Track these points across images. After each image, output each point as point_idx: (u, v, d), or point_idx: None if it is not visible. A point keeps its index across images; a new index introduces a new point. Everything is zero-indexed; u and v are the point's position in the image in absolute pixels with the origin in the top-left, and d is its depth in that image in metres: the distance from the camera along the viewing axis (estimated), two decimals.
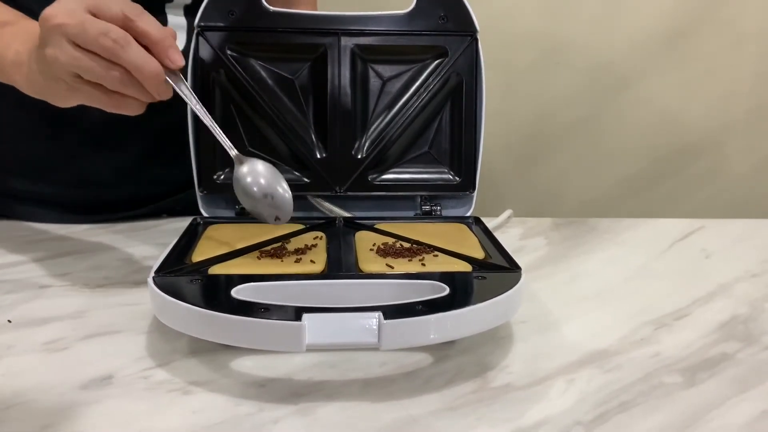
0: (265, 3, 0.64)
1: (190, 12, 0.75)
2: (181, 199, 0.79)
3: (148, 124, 0.66)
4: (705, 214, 1.22)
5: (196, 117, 0.64)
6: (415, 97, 0.67)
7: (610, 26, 1.19)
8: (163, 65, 0.49)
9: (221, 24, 0.64)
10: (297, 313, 0.42)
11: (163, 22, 0.75)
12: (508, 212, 0.79)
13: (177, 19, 0.76)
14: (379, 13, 0.65)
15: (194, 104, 0.53)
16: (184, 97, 0.52)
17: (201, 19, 0.64)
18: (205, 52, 0.64)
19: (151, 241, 0.71)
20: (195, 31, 0.64)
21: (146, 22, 0.49)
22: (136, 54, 0.48)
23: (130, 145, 0.76)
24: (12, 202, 0.76)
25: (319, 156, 0.67)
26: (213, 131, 0.54)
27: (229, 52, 0.64)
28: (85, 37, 0.48)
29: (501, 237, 0.62)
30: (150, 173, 0.77)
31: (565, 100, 1.22)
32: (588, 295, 0.59)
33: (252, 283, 0.48)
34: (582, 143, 1.24)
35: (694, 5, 1.18)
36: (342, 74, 0.65)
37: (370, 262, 0.53)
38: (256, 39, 0.65)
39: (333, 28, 0.65)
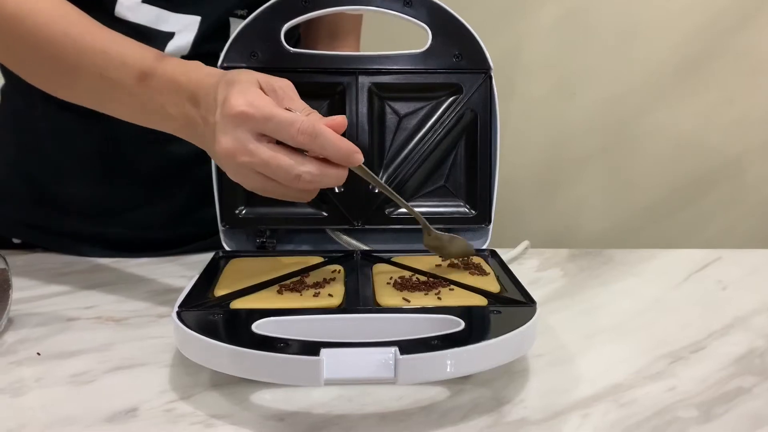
0: (285, 44, 0.66)
1: None
2: None
3: (198, 171, 0.68)
4: (724, 243, 1.22)
5: None
6: (430, 133, 0.68)
7: (626, 55, 1.20)
8: None
9: (244, 65, 0.66)
10: (315, 348, 0.43)
11: None
12: (525, 243, 0.80)
13: None
14: (396, 52, 0.67)
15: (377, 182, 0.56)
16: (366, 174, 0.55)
17: (224, 60, 0.66)
18: None
19: (175, 273, 0.72)
20: None
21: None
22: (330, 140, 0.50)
23: (182, 190, 0.78)
24: (60, 239, 0.78)
25: (337, 190, 0.68)
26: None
27: None
28: (282, 131, 0.49)
29: (517, 268, 0.63)
30: (199, 214, 0.78)
31: (581, 130, 1.23)
32: (603, 327, 0.60)
33: (272, 318, 0.49)
34: (599, 173, 1.25)
35: (709, 34, 1.19)
36: (360, 111, 0.67)
37: (387, 296, 0.54)
38: None
39: (351, 67, 0.67)
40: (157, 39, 0.70)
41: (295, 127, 0.49)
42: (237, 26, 0.73)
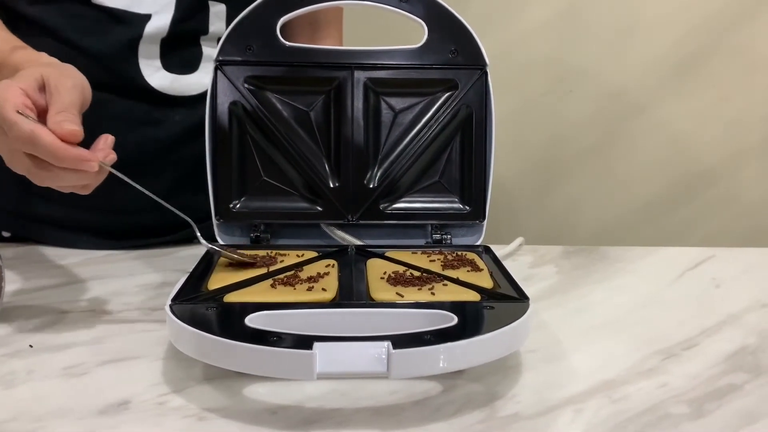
0: (281, 38, 0.66)
1: None
2: (212, 225, 0.81)
3: (180, 153, 0.69)
4: (719, 242, 1.22)
5: (213, 150, 0.67)
6: (426, 129, 0.68)
7: (623, 53, 1.20)
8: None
9: (239, 59, 0.66)
10: (308, 342, 0.43)
11: (198, 54, 0.78)
12: (519, 240, 0.80)
13: (212, 51, 0.78)
14: (391, 47, 0.67)
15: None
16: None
17: (219, 54, 0.66)
18: (223, 85, 0.66)
19: (169, 267, 0.72)
20: (214, 66, 0.66)
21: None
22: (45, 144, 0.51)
23: (164, 173, 0.78)
24: (47, 228, 0.78)
25: (332, 185, 0.68)
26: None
27: (246, 85, 0.67)
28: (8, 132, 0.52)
29: (512, 265, 0.63)
30: (183, 200, 0.78)
31: (577, 127, 1.24)
32: (597, 324, 0.60)
33: (265, 312, 0.49)
34: (595, 170, 1.25)
35: (707, 32, 1.19)
36: (355, 106, 0.67)
37: (381, 291, 0.54)
38: (273, 73, 0.67)
39: (346, 62, 0.67)
40: (134, 22, 0.72)
41: (12, 132, 0.52)
42: (216, 10, 0.73)
